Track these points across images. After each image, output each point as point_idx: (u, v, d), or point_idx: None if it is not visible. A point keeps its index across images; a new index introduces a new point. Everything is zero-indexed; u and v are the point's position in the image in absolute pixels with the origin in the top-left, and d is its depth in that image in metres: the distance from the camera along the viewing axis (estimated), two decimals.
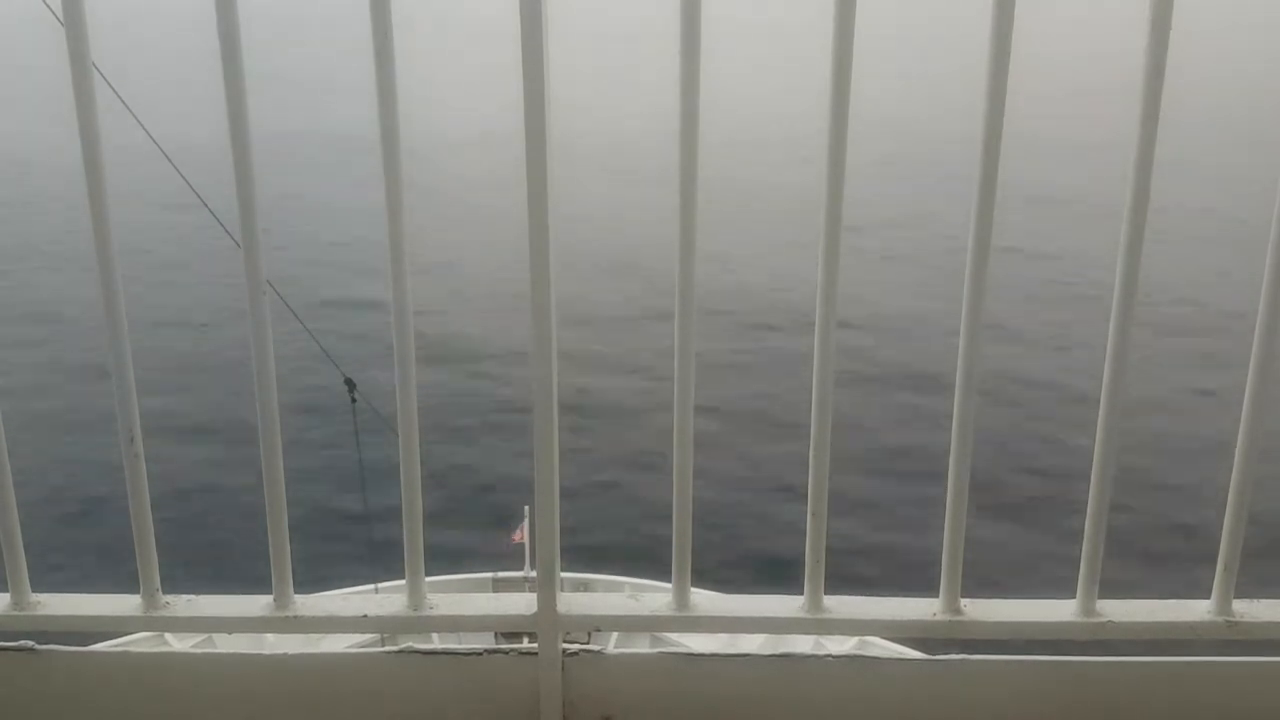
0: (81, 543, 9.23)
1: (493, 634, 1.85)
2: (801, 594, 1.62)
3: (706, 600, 1.65)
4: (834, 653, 1.68)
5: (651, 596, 1.67)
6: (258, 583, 1.69)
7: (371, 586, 6.38)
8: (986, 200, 1.45)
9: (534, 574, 1.67)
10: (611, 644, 2.01)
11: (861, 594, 1.64)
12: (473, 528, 9.31)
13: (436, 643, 1.77)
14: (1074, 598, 1.61)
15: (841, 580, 1.65)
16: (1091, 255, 16.01)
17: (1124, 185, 1.43)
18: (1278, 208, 1.40)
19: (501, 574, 7.62)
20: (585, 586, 6.90)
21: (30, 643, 1.64)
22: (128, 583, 1.66)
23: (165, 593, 1.62)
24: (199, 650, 1.74)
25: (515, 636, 1.69)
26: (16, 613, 1.61)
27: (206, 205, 6.15)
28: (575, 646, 1.65)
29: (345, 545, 8.61)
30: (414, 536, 1.60)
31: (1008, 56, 1.39)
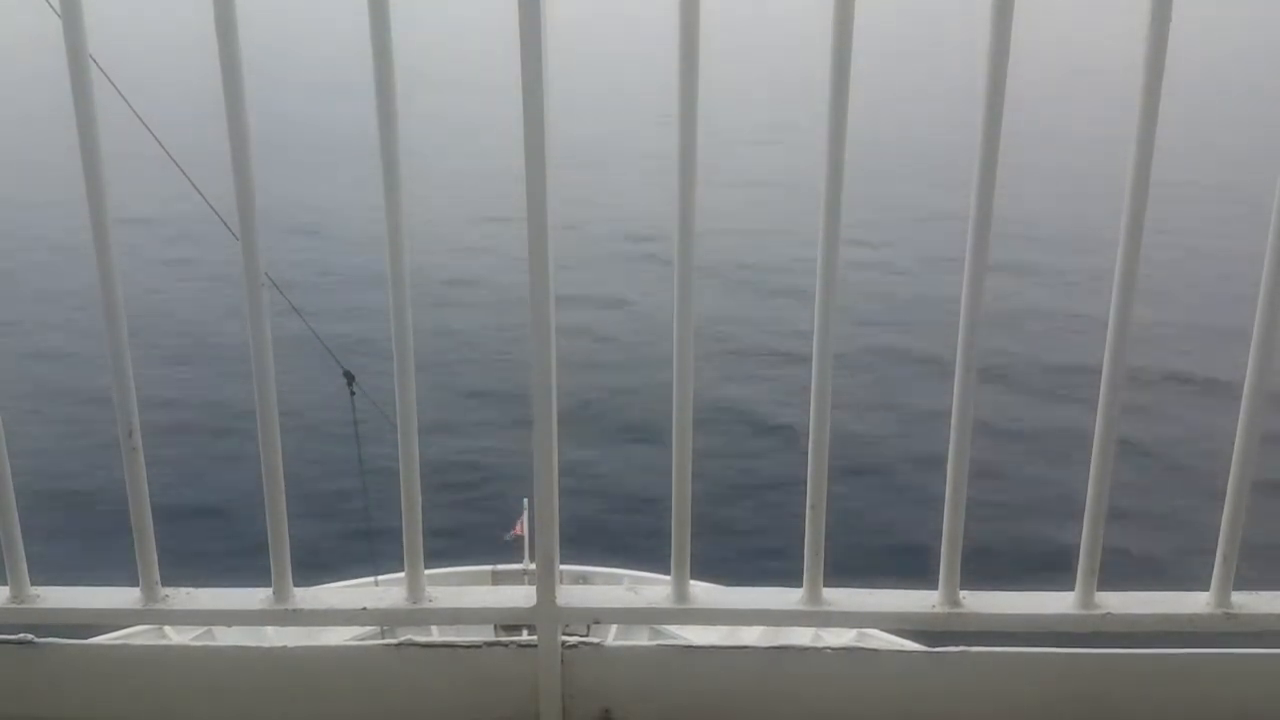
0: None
1: (492, 626, 1.85)
2: (800, 586, 1.62)
3: (705, 593, 1.65)
4: (833, 645, 1.68)
5: (650, 589, 1.67)
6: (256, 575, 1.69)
7: (371, 579, 6.39)
8: (986, 190, 1.44)
9: (533, 566, 1.68)
10: (611, 636, 2.01)
11: (860, 586, 1.65)
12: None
13: (436, 635, 1.77)
14: (1072, 589, 1.61)
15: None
16: None
17: (1124, 176, 1.43)
18: (1277, 204, 1.40)
19: (501, 566, 7.64)
20: (584, 579, 6.92)
21: (29, 635, 1.64)
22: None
23: (164, 585, 1.63)
24: (198, 643, 1.74)
25: (514, 629, 1.69)
26: (15, 605, 1.61)
27: (206, 200, 6.13)
28: (574, 639, 1.65)
29: (344, 537, 8.61)
30: (413, 529, 1.60)
31: (1007, 47, 1.38)
